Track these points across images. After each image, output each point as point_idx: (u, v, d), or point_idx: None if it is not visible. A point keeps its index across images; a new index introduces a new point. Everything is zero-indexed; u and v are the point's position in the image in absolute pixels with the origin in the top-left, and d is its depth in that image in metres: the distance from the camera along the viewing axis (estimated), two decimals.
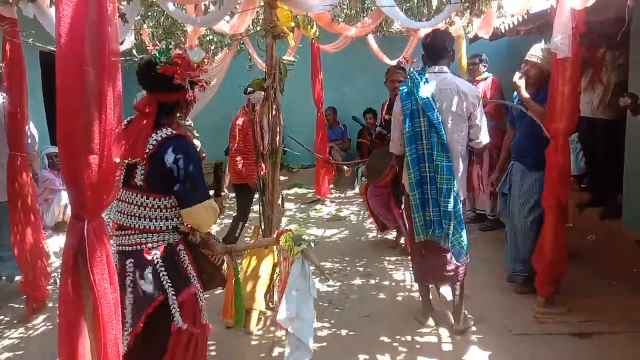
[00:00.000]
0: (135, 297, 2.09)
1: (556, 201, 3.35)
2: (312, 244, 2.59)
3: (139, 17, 4.61)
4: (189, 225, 2.20)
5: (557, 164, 3.31)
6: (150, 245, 2.13)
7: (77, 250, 1.56)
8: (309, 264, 2.49)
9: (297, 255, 2.47)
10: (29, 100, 3.71)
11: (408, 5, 4.73)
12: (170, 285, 2.11)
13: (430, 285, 3.54)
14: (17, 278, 3.90)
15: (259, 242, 3.33)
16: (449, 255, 3.23)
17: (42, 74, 6.08)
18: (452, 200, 3.07)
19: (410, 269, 4.44)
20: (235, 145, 4.91)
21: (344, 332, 3.43)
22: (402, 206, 4.32)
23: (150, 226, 2.14)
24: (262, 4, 3.73)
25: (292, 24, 3.79)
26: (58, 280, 2.55)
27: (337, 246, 5.30)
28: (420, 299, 3.54)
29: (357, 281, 4.29)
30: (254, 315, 3.41)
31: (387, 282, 4.24)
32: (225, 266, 2.47)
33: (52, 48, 2.05)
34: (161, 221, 2.15)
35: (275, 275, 3.61)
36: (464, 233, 3.17)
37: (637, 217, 4.50)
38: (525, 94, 3.66)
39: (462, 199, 3.22)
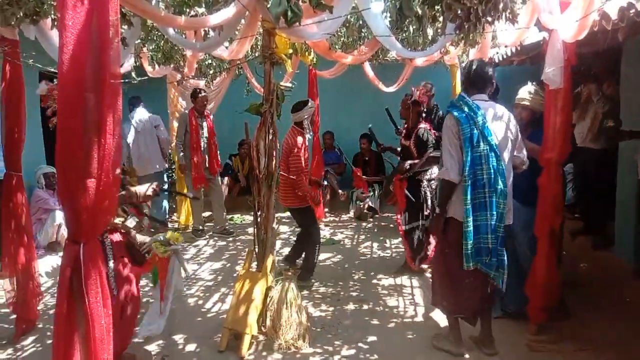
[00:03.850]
0: None
1: (549, 229, 3.37)
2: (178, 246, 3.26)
3: (139, 40, 4.68)
4: None
5: (550, 192, 3.35)
6: None
7: (73, 273, 1.56)
8: (178, 261, 3.27)
9: (166, 254, 3.18)
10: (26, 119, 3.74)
11: (404, 35, 4.83)
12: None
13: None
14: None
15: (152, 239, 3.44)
16: (490, 286, 3.18)
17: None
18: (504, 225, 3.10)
19: (404, 295, 4.47)
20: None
21: (336, 358, 3.40)
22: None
23: None
24: (261, 31, 3.80)
25: (290, 51, 3.86)
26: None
27: (330, 271, 5.28)
28: (449, 328, 3.39)
29: (350, 306, 4.27)
30: (246, 340, 3.37)
31: (380, 308, 4.22)
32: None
33: (52, 69, 2.08)
34: None
35: (268, 299, 3.60)
36: None
37: (629, 246, 4.52)
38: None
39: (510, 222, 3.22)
